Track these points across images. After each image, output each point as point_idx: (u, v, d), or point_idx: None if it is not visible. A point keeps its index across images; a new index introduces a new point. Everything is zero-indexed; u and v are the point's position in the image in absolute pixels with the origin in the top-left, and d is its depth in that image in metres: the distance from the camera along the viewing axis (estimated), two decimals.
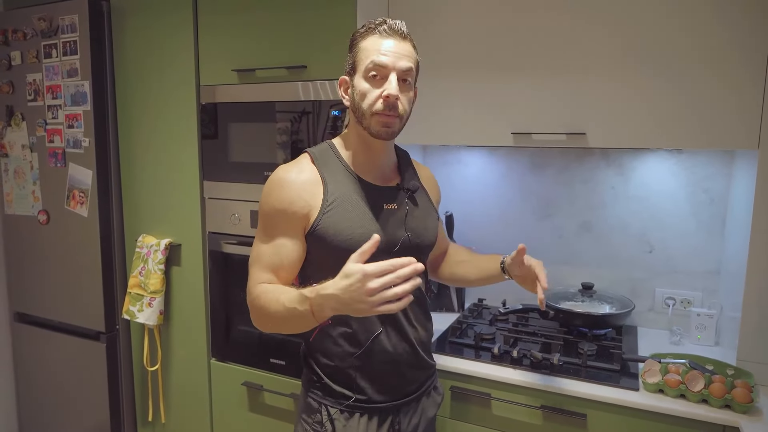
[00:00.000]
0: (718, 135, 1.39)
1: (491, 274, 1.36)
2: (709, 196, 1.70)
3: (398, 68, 1.09)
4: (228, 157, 1.78)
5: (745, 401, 1.24)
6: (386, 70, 1.08)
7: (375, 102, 1.09)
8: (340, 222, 1.11)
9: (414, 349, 1.22)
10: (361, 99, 1.10)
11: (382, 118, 1.10)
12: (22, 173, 2.11)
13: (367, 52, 1.09)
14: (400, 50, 1.09)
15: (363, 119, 1.12)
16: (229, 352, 1.87)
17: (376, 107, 1.09)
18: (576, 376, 1.41)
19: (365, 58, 1.09)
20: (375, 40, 1.10)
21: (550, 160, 1.88)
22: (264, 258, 1.14)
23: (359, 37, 1.12)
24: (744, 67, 1.35)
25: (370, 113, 1.10)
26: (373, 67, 1.08)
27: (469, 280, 1.44)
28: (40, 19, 1.94)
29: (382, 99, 1.08)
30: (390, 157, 1.24)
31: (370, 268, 0.90)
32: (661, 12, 1.41)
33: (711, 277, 1.72)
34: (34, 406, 2.27)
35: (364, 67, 1.09)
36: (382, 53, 1.08)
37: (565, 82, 1.53)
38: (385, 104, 1.08)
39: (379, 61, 1.08)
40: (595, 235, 1.84)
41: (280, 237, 1.13)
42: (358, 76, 1.11)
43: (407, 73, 1.10)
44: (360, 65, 1.11)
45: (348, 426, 1.17)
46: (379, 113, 1.09)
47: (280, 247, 1.13)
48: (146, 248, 1.91)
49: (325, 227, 1.11)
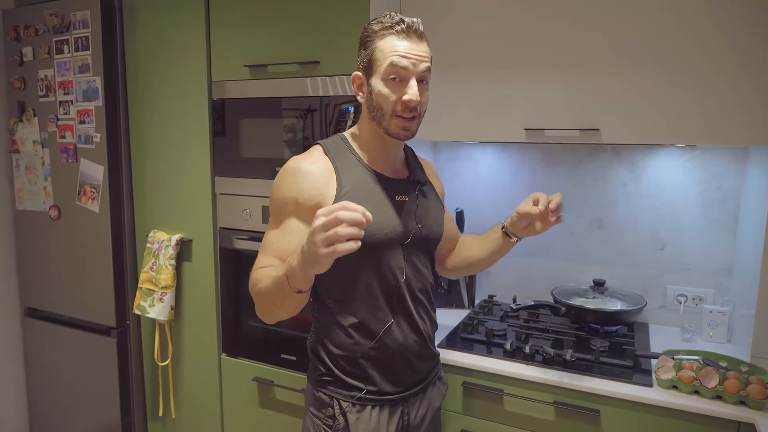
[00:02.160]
0: (731, 131, 1.39)
1: (496, 245, 1.33)
2: (721, 193, 1.69)
3: (418, 71, 1.09)
4: (240, 152, 1.78)
5: (761, 397, 1.23)
6: (406, 72, 1.08)
7: (395, 105, 1.10)
8: None
9: (423, 340, 1.23)
10: (380, 101, 1.11)
11: (402, 121, 1.11)
12: (34, 169, 2.12)
13: (385, 53, 1.08)
14: (419, 52, 1.09)
15: (382, 120, 1.12)
16: (240, 347, 1.88)
17: (396, 110, 1.10)
18: (589, 372, 1.41)
19: (383, 59, 1.09)
20: (392, 41, 1.08)
21: (561, 157, 1.87)
22: (272, 246, 1.14)
23: (374, 35, 1.11)
24: (755, 64, 1.34)
25: (390, 115, 1.11)
26: (392, 70, 1.08)
27: (479, 258, 1.39)
28: (52, 15, 1.95)
29: (403, 103, 1.09)
30: (400, 153, 1.25)
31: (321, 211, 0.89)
32: (673, 10, 1.41)
33: (723, 275, 1.71)
34: (45, 401, 2.28)
35: (383, 69, 1.09)
36: (401, 55, 1.07)
37: (578, 79, 1.52)
38: (405, 108, 1.09)
39: (400, 64, 1.07)
40: (607, 232, 1.84)
41: (289, 225, 1.13)
42: (377, 78, 1.11)
43: (425, 75, 1.11)
44: (378, 66, 1.10)
45: (360, 418, 1.18)
46: (399, 116, 1.10)
47: (289, 234, 1.13)
48: (157, 243, 1.92)
49: None
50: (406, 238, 1.17)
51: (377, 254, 1.14)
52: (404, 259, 1.18)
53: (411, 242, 1.18)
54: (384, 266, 1.16)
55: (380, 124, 1.13)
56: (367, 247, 1.10)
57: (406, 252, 1.19)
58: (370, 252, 1.13)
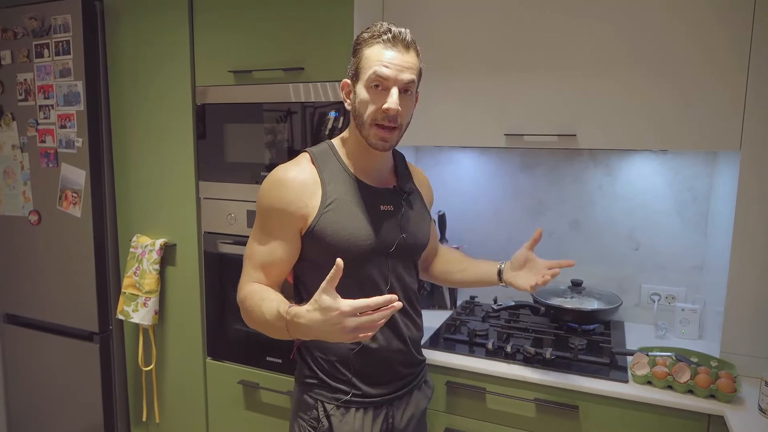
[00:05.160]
0: (703, 136, 1.45)
1: (486, 279, 1.44)
2: (692, 194, 1.76)
3: (400, 81, 1.10)
4: (224, 157, 1.79)
5: (729, 391, 1.29)
6: (388, 82, 1.10)
7: (375, 113, 1.11)
8: (338, 222, 1.14)
9: (407, 347, 1.25)
10: (361, 108, 1.13)
11: (381, 131, 1.12)
12: (12, 173, 2.09)
13: (370, 62, 1.10)
14: (403, 62, 1.10)
15: (362, 128, 1.14)
16: (225, 350, 1.88)
17: (375, 118, 1.12)
18: (568, 370, 1.46)
19: (368, 67, 1.10)
20: (378, 49, 1.10)
21: (539, 160, 1.92)
22: (257, 256, 1.16)
23: (363, 43, 1.13)
24: (727, 72, 1.41)
25: (369, 123, 1.12)
26: (375, 78, 1.10)
27: (462, 279, 1.49)
28: (32, 18, 1.93)
29: (382, 111, 1.10)
30: (387, 160, 1.27)
31: (346, 307, 0.92)
32: (649, 18, 1.47)
33: (695, 273, 1.78)
34: (25, 408, 2.25)
35: (367, 76, 1.10)
36: (384, 65, 1.09)
37: (556, 85, 1.57)
38: (384, 116, 1.11)
39: (382, 73, 1.09)
40: (585, 233, 1.90)
41: (275, 236, 1.15)
42: (360, 84, 1.13)
43: (409, 85, 1.12)
44: (362, 74, 1.12)
45: (344, 421, 1.20)
46: (378, 125, 1.12)
47: (274, 246, 1.15)
48: (141, 248, 1.92)
49: (322, 227, 1.14)
50: (390, 248, 1.19)
51: (360, 265, 1.16)
52: (388, 268, 1.20)
53: (395, 251, 1.20)
54: (366, 276, 1.18)
55: (361, 132, 1.15)
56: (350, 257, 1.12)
57: (391, 261, 1.20)
58: (352, 263, 1.14)
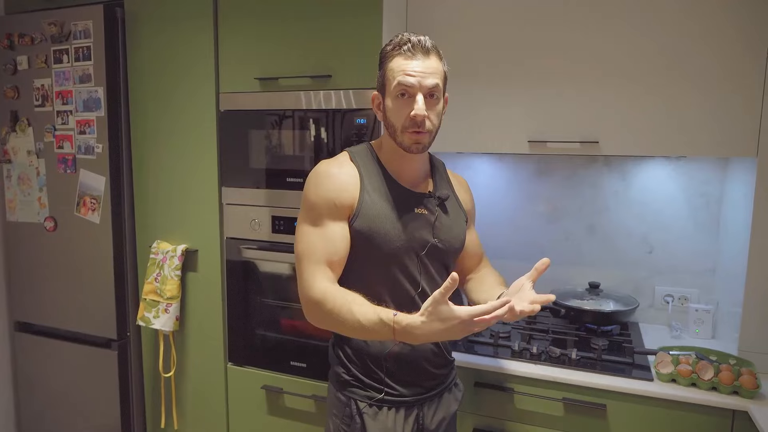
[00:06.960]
0: (721, 143, 1.52)
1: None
2: (705, 199, 1.83)
3: (424, 87, 1.15)
4: (248, 163, 1.80)
5: (752, 387, 1.35)
6: (413, 89, 1.15)
7: (405, 121, 1.17)
8: (375, 219, 1.18)
9: (438, 347, 1.29)
10: (392, 117, 1.19)
11: (414, 135, 1.17)
12: (28, 179, 2.08)
13: (394, 73, 1.16)
14: (425, 68, 1.15)
15: (396, 136, 1.20)
16: (247, 356, 1.89)
17: (405, 125, 1.17)
18: (593, 370, 1.51)
19: (392, 78, 1.16)
20: (400, 61, 1.16)
21: (556, 166, 1.98)
22: (317, 250, 1.16)
23: (386, 56, 1.19)
24: (743, 79, 1.48)
25: (401, 130, 1.18)
26: (400, 87, 1.15)
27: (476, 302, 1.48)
28: (51, 24, 1.92)
29: (410, 118, 1.15)
30: (423, 164, 1.31)
31: (466, 317, 1.01)
32: (669, 27, 1.53)
33: (707, 275, 1.84)
34: (37, 418, 2.22)
35: (392, 87, 1.17)
36: (407, 73, 1.14)
37: (579, 93, 1.63)
38: (412, 122, 1.16)
39: (405, 82, 1.14)
40: (600, 237, 1.95)
41: (330, 226, 1.17)
42: (389, 96, 1.19)
43: (434, 89, 1.16)
44: (389, 85, 1.18)
45: (377, 419, 1.23)
46: (409, 130, 1.17)
47: (333, 234, 1.17)
48: (161, 254, 1.92)
49: (360, 222, 1.18)
50: (422, 250, 1.23)
51: (390, 264, 1.20)
52: (420, 270, 1.23)
53: (427, 254, 1.23)
54: (396, 276, 1.21)
55: (395, 139, 1.20)
56: (381, 256, 1.19)
57: (423, 263, 1.24)
58: (383, 261, 1.19)
